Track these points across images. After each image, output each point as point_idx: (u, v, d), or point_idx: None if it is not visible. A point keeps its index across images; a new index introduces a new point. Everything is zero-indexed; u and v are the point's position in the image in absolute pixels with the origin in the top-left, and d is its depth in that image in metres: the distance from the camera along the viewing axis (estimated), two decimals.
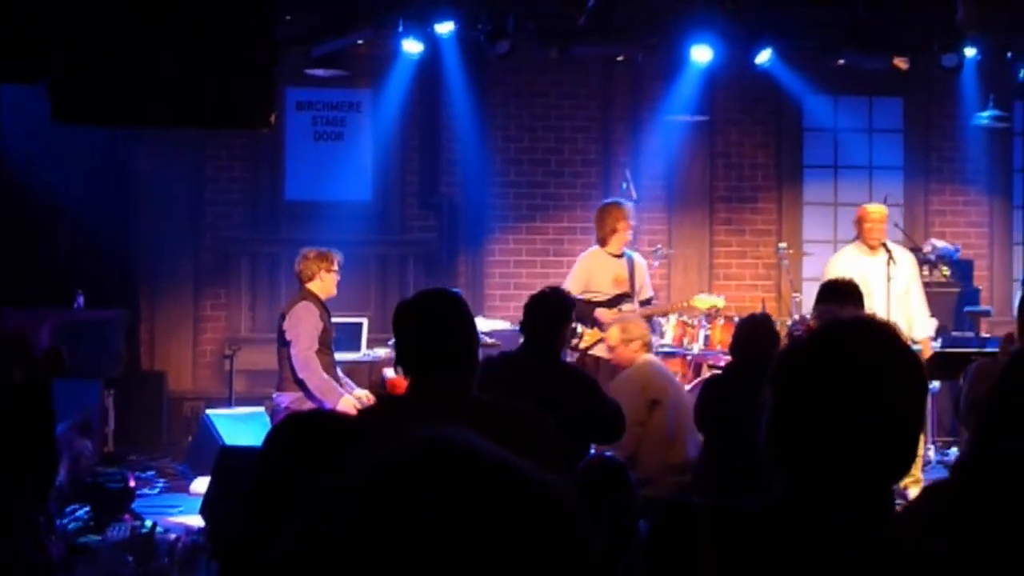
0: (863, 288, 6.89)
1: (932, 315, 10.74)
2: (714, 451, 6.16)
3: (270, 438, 3.08)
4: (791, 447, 2.08)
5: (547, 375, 6.29)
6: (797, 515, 2.05)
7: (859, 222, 10.16)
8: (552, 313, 6.55)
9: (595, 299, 9.95)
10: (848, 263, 9.75)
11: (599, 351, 9.76)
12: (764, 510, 2.09)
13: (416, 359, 3.92)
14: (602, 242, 10.16)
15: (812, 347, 2.12)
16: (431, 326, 3.89)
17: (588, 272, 10.08)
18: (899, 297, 9.85)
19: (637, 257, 10.37)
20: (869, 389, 2.05)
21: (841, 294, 5.01)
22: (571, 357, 9.75)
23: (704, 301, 10.57)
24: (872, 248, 9.99)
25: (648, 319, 10.75)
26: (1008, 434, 2.82)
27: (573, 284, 9.89)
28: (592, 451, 6.55)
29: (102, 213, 11.98)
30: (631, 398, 7.70)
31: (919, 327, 9.95)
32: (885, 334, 2.13)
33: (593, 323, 9.88)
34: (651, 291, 10.49)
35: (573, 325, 9.57)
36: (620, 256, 10.12)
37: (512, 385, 6.19)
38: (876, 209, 10.29)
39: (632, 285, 10.10)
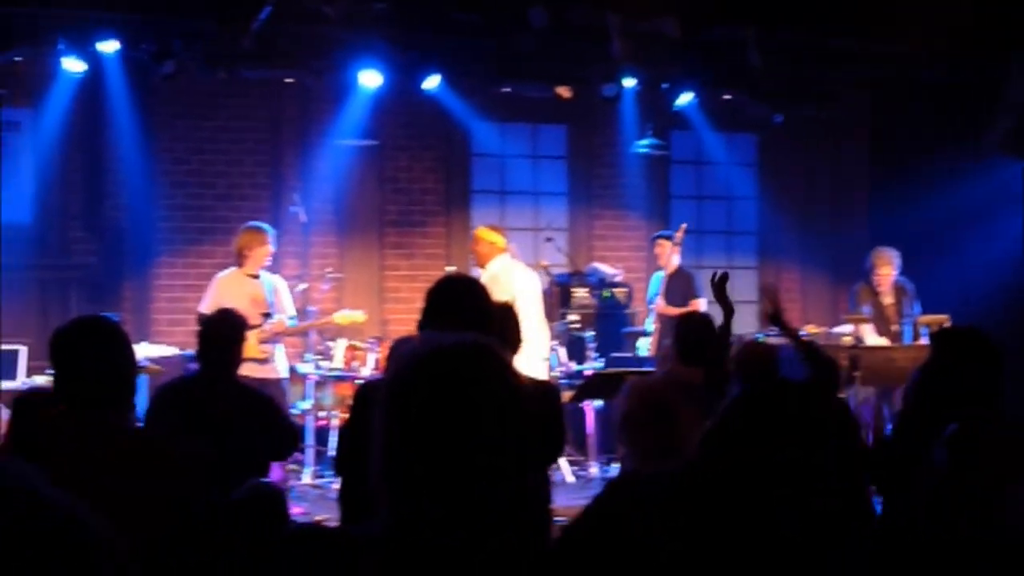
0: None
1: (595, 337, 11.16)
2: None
3: None
4: (395, 474, 2.12)
5: (221, 397, 6.37)
6: (410, 541, 2.10)
7: None
8: (224, 335, 6.63)
9: None
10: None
11: (245, 371, 9.64)
12: (379, 536, 2.13)
13: (71, 390, 3.83)
14: (239, 263, 10.16)
15: (409, 376, 2.16)
16: (86, 356, 3.82)
17: (221, 293, 10.00)
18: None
19: (277, 279, 10.34)
20: (469, 417, 2.10)
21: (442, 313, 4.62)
22: None
23: (345, 317, 10.62)
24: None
25: (301, 334, 10.77)
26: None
27: (207, 304, 9.88)
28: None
29: None
30: None
31: None
32: (485, 360, 2.19)
33: None
34: (293, 310, 10.37)
35: None
36: (256, 277, 10.13)
37: (188, 409, 6.19)
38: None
39: (273, 305, 10.09)
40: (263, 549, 3.97)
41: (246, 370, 9.64)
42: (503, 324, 5.12)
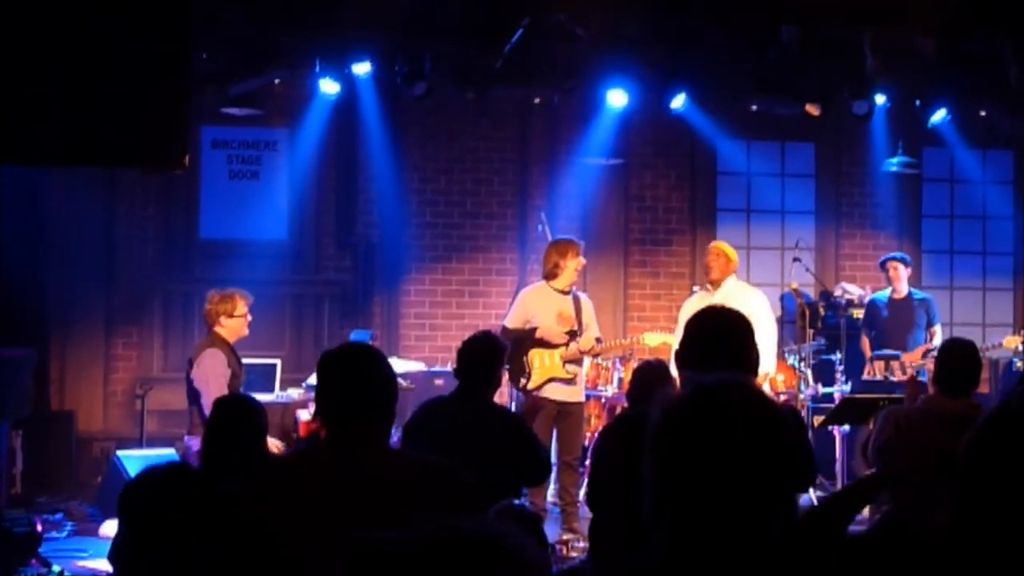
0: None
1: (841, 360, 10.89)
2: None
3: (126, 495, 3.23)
4: (673, 507, 2.14)
5: (478, 419, 6.39)
6: (692, 569, 2.10)
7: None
8: (484, 358, 6.65)
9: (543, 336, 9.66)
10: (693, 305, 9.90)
11: (548, 392, 9.58)
12: (656, 567, 2.13)
13: (337, 411, 3.93)
14: (548, 277, 9.83)
15: (685, 412, 2.20)
16: (354, 381, 3.91)
17: (529, 306, 9.77)
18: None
19: (583, 296, 10.09)
20: (745, 449, 2.13)
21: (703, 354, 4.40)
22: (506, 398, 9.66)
23: (655, 338, 10.29)
24: (713, 284, 10.38)
25: (596, 356, 10.60)
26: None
27: (513, 319, 9.74)
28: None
29: (12, 250, 11.83)
30: None
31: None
32: (751, 394, 2.22)
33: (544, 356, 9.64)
34: (598, 331, 10.07)
35: (525, 364, 9.56)
36: (566, 293, 9.82)
37: (444, 429, 6.23)
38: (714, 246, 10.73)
39: (579, 323, 9.75)
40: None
41: (552, 392, 9.54)
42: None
